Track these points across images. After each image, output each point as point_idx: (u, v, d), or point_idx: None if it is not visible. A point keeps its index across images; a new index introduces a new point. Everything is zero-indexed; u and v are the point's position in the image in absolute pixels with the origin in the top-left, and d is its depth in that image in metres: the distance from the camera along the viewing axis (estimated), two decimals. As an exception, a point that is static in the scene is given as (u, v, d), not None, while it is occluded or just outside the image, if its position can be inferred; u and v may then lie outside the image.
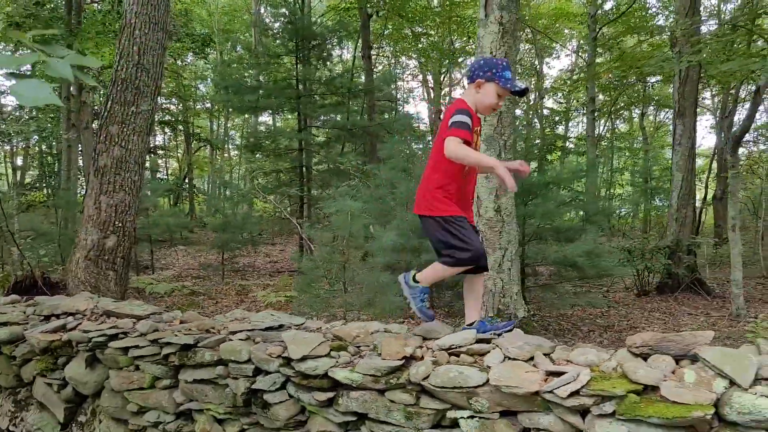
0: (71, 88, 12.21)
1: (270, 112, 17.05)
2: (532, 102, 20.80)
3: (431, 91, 24.76)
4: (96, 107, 14.13)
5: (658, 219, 17.92)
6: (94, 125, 12.53)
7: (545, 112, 22.00)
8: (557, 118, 20.04)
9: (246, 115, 16.31)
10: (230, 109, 13.84)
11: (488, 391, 2.28)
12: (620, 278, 9.79)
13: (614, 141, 20.96)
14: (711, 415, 1.90)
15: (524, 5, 19.25)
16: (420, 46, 19.43)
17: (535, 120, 20.17)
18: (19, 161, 22.65)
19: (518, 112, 21.05)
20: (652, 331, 6.32)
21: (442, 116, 2.81)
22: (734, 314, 6.99)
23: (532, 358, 2.38)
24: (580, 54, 19.87)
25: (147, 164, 24.04)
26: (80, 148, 13.00)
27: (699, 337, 2.26)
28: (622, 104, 17.65)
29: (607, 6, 17.61)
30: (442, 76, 23.63)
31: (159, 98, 22.30)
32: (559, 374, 2.20)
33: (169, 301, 6.68)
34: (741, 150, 18.96)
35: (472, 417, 2.34)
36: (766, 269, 11.45)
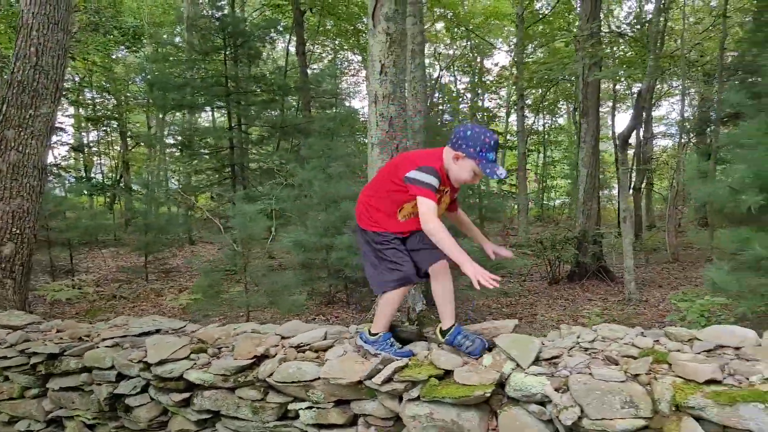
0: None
1: (206, 109, 16.80)
2: (471, 101, 21.41)
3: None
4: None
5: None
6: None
7: (490, 105, 22.71)
8: (491, 114, 20.67)
9: (179, 113, 15.97)
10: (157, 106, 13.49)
11: (322, 384, 2.51)
12: (536, 268, 10.36)
13: (546, 136, 21.85)
14: (490, 394, 2.20)
15: (458, 3, 19.75)
16: (361, 42, 19.57)
17: (477, 116, 20.77)
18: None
19: (463, 107, 21.64)
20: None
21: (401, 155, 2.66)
22: (627, 298, 7.59)
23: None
24: (510, 54, 20.55)
25: (81, 161, 22.96)
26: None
27: (502, 327, 2.57)
28: (549, 101, 18.47)
29: (538, 5, 18.32)
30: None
31: (92, 93, 21.46)
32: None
33: (78, 307, 6.59)
34: (661, 143, 20.25)
35: (310, 408, 2.56)
36: (672, 255, 12.36)
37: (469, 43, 19.72)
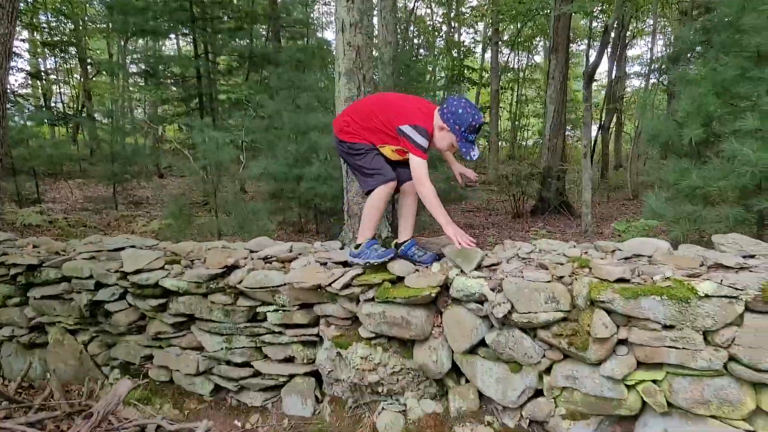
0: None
1: (171, 36, 16.04)
2: (447, 35, 20.96)
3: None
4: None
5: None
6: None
7: (466, 41, 22.29)
8: (466, 49, 20.37)
9: (142, 40, 15.28)
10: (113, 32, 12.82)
11: (287, 289, 2.78)
12: (503, 203, 10.77)
13: (522, 73, 21.79)
14: (435, 294, 2.51)
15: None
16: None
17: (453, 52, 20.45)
18: None
19: (439, 41, 21.19)
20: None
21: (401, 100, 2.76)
22: (583, 230, 8.06)
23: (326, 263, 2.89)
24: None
25: (39, 90, 21.84)
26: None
27: (443, 240, 2.86)
28: (525, 36, 18.29)
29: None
30: None
31: (47, 16, 20.12)
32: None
33: (50, 234, 6.67)
34: (636, 83, 20.46)
35: (276, 310, 2.84)
36: (632, 192, 12.94)
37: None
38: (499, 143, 17.89)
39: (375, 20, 5.29)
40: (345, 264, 2.84)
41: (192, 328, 3.03)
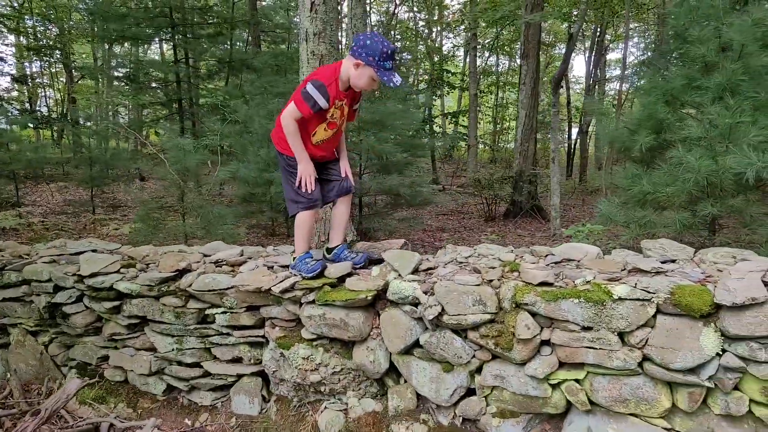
0: None
1: (155, 41, 16.04)
2: (427, 38, 21.18)
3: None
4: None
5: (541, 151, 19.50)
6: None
7: (447, 46, 22.51)
8: (448, 54, 20.61)
9: (126, 45, 15.27)
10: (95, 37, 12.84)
11: (235, 292, 2.88)
12: (476, 207, 10.93)
13: (501, 77, 22.04)
14: (372, 297, 2.62)
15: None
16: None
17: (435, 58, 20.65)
18: None
19: (421, 47, 21.38)
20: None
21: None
22: (552, 234, 8.24)
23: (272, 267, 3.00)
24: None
25: (25, 94, 21.68)
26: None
27: (392, 244, 2.98)
28: (504, 41, 18.53)
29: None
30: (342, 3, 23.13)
31: (32, 20, 20.01)
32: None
33: (24, 237, 6.71)
34: (609, 86, 20.79)
35: (224, 312, 2.94)
36: (612, 192, 13.16)
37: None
38: (479, 146, 18.06)
39: (344, 25, 5.39)
40: (291, 268, 2.95)
41: (145, 329, 3.13)
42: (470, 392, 2.65)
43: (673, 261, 2.66)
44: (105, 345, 3.22)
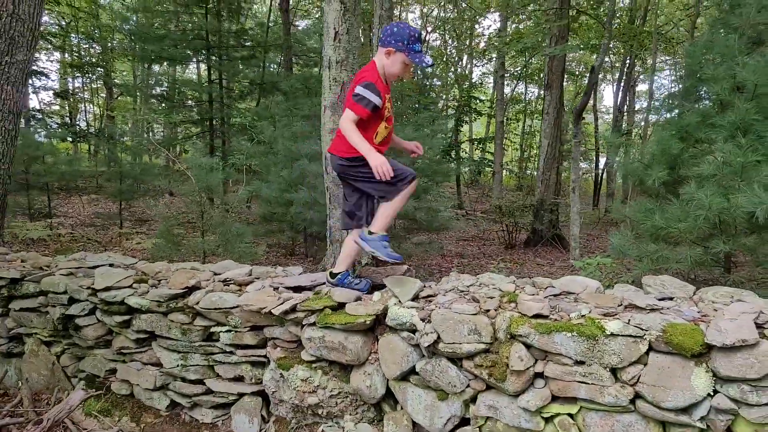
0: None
1: (194, 61, 16.70)
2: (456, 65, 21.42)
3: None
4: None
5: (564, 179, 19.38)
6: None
7: (477, 73, 22.73)
8: (479, 82, 20.81)
9: (161, 65, 15.97)
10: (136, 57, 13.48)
11: (239, 311, 2.97)
12: (498, 234, 10.88)
13: (529, 105, 22.07)
14: (370, 322, 2.67)
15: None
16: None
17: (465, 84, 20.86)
18: None
19: (451, 74, 21.65)
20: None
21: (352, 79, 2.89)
22: (570, 264, 8.13)
23: (277, 288, 3.08)
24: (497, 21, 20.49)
25: (66, 108, 22.75)
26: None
27: (396, 269, 3.04)
28: (533, 70, 18.63)
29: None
30: (373, 30, 23.66)
31: (77, 38, 21.08)
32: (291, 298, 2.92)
33: (52, 248, 7.00)
34: (637, 117, 20.58)
35: (229, 331, 3.03)
36: (631, 225, 12.93)
37: (457, 8, 19.62)
38: (503, 173, 18.03)
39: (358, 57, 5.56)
40: (296, 289, 3.03)
41: (153, 344, 3.23)
42: (464, 422, 2.65)
43: (671, 299, 2.64)
44: (113, 358, 3.34)
